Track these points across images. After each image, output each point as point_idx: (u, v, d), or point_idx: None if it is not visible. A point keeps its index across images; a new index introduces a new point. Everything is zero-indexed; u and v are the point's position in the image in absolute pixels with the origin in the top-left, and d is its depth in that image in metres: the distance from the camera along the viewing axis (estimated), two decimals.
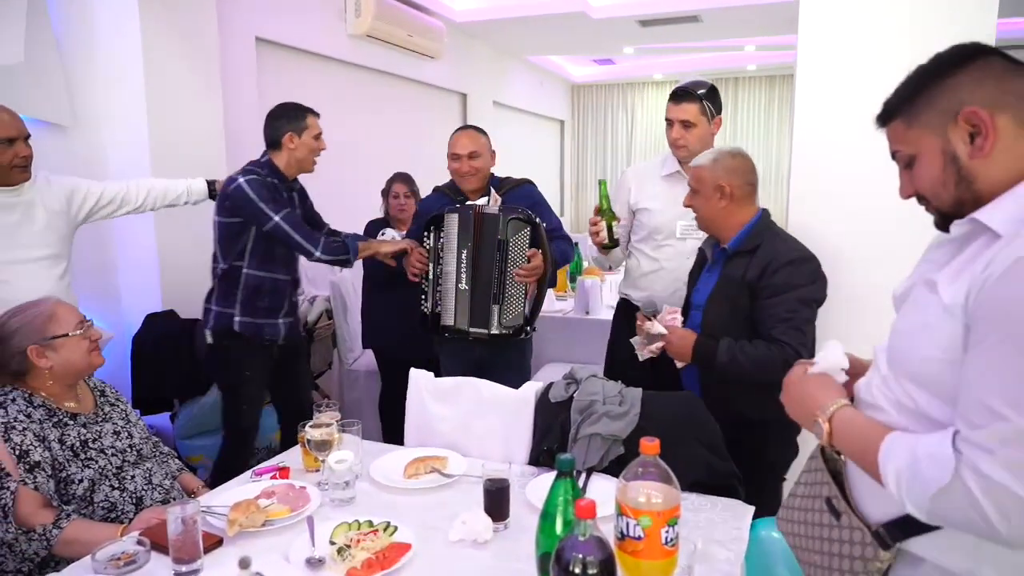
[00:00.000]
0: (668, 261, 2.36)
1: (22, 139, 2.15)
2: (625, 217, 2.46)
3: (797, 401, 1.13)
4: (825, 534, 1.08)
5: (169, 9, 3.08)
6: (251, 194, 2.40)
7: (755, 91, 9.21)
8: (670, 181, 2.38)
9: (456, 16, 5.76)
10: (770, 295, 1.84)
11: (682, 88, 2.29)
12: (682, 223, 2.31)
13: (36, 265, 2.20)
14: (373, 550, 1.36)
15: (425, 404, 1.99)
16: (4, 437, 1.55)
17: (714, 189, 1.91)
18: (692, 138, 2.27)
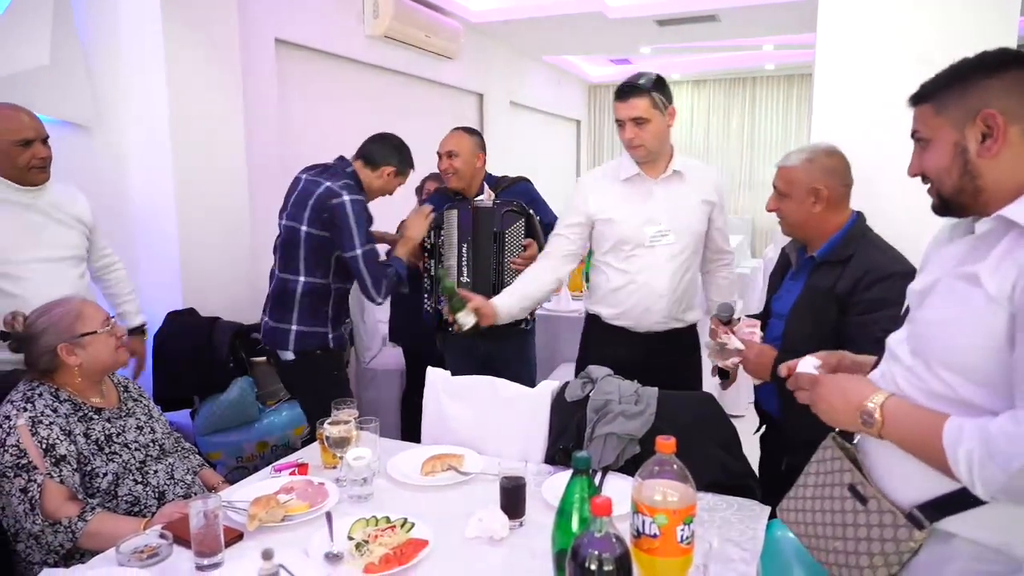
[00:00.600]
0: (640, 273, 2.17)
1: (40, 140, 2.17)
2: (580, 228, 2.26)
3: (837, 396, 1.12)
4: (849, 520, 1.10)
5: (190, 11, 3.12)
6: (351, 217, 2.34)
7: (773, 90, 9.15)
8: (631, 185, 2.19)
9: (472, 16, 5.78)
10: (862, 311, 1.64)
11: (627, 83, 2.11)
12: (650, 229, 2.15)
13: (58, 264, 2.23)
14: (390, 545, 1.37)
15: (441, 402, 2.01)
16: (32, 431, 1.58)
17: (808, 192, 1.73)
18: (648, 135, 2.09)
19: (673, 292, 2.18)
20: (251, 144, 3.53)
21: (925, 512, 1.03)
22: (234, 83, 3.39)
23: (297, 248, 2.43)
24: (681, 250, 2.17)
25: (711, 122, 9.57)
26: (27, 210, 2.18)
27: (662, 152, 2.16)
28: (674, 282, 2.18)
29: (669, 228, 2.15)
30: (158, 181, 3.11)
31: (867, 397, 1.07)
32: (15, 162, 2.11)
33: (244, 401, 2.88)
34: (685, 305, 2.25)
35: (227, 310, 3.17)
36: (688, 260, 2.20)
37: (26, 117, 2.17)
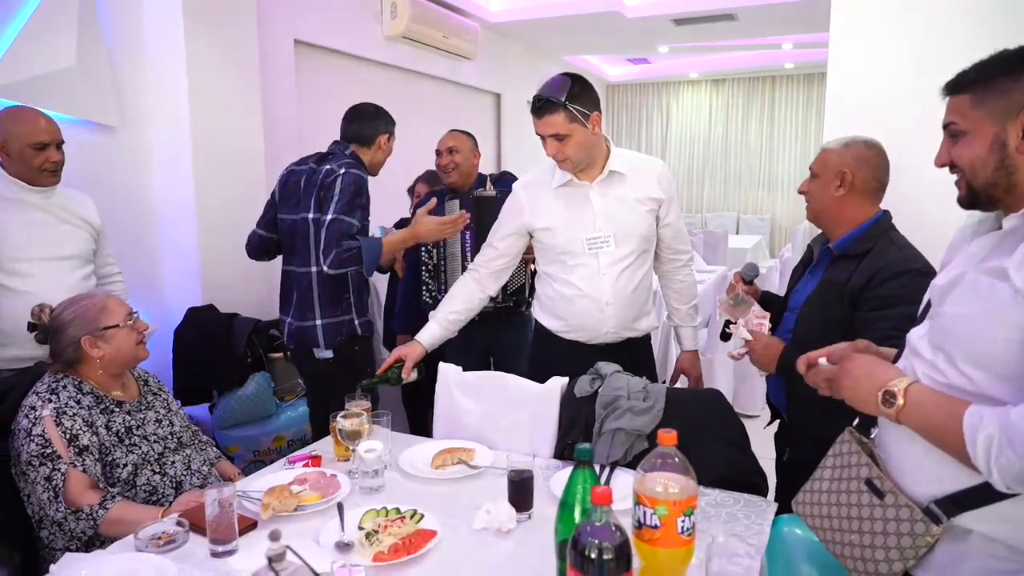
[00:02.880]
0: (585, 283, 2.06)
1: (54, 145, 2.21)
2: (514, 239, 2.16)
3: (863, 374, 1.10)
4: (865, 514, 1.10)
5: (212, 13, 3.19)
6: (338, 187, 2.30)
7: (792, 89, 9.10)
8: (565, 193, 2.06)
9: (491, 17, 5.81)
10: (873, 307, 1.62)
11: (540, 98, 1.93)
12: (588, 236, 2.03)
13: (63, 264, 2.26)
14: (400, 536, 1.40)
15: (453, 397, 2.03)
16: (56, 421, 1.64)
17: (835, 175, 1.72)
18: (571, 149, 1.94)
19: (620, 300, 2.07)
20: (270, 143, 3.59)
21: (942, 507, 1.03)
22: (253, 83, 3.45)
23: (306, 238, 2.41)
24: (626, 255, 2.05)
25: (729, 121, 9.52)
26: (37, 210, 2.22)
27: (594, 157, 2.02)
28: (620, 289, 2.06)
29: (609, 233, 2.03)
30: (179, 180, 3.18)
31: (892, 379, 1.06)
32: (29, 164, 2.16)
33: (261, 396, 2.93)
34: (636, 312, 2.13)
35: (245, 306, 3.23)
36: (635, 265, 2.08)
37: (44, 121, 2.21)
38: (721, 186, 9.68)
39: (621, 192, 2.05)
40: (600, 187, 2.05)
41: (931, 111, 1.21)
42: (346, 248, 2.25)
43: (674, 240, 2.20)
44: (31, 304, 1.85)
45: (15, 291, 2.13)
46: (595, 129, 1.96)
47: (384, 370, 2.00)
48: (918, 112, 1.91)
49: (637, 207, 2.06)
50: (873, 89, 2.14)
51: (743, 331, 1.81)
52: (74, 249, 2.29)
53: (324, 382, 2.52)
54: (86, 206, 2.38)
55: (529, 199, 2.11)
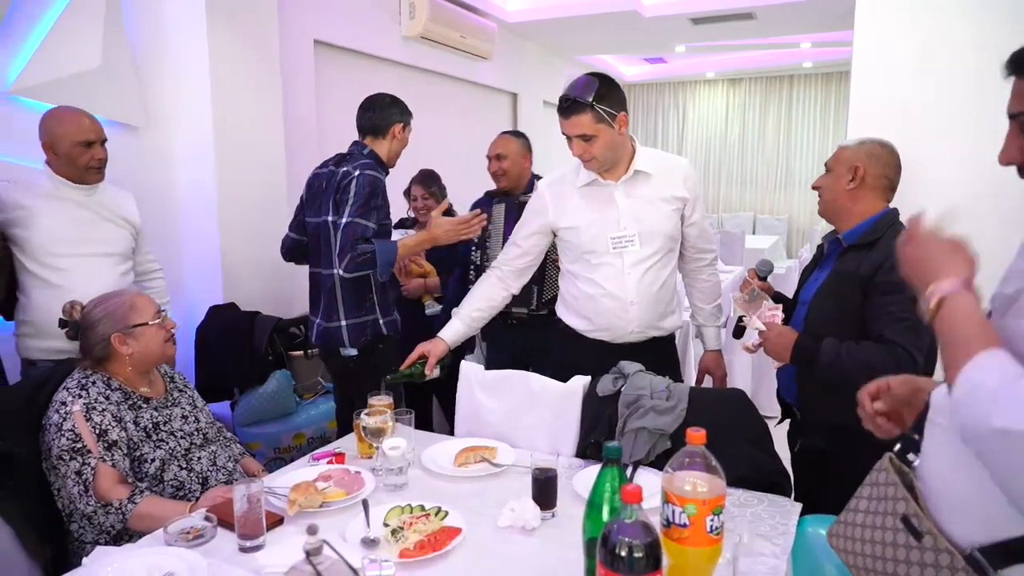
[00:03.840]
0: (610, 282, 2.05)
1: (99, 143, 2.28)
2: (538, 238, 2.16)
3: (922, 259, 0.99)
4: (900, 556, 0.97)
5: (234, 14, 3.22)
6: (353, 188, 2.30)
7: (811, 89, 9.04)
8: (590, 192, 2.07)
9: (508, 17, 5.82)
10: (884, 292, 1.66)
11: (567, 98, 1.92)
12: (613, 235, 2.03)
13: (101, 260, 2.31)
14: (425, 532, 1.41)
15: (475, 396, 2.04)
16: (86, 417, 1.66)
17: (848, 169, 1.77)
18: (598, 148, 1.94)
19: (645, 300, 2.06)
20: (290, 143, 3.61)
21: (989, 557, 0.88)
22: (274, 83, 3.48)
23: (328, 240, 2.43)
24: (650, 254, 2.04)
25: (747, 121, 9.48)
26: (79, 207, 2.29)
27: (620, 157, 2.02)
28: (644, 289, 2.05)
29: (635, 233, 2.02)
30: (201, 179, 3.21)
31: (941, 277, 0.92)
32: (76, 162, 2.24)
33: (281, 394, 2.96)
34: (661, 312, 2.12)
35: (266, 304, 3.25)
36: (660, 264, 2.07)
37: (88, 120, 2.28)
38: (738, 186, 9.63)
39: (646, 191, 2.05)
40: (625, 186, 2.05)
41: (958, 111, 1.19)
42: (360, 252, 2.26)
43: (699, 239, 2.20)
44: (65, 298, 1.88)
45: (51, 284, 2.20)
46: (621, 129, 1.96)
47: (408, 366, 2.02)
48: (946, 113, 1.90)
49: (662, 206, 2.06)
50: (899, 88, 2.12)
51: (757, 322, 1.83)
52: (113, 246, 2.35)
53: (351, 380, 2.55)
54: (127, 205, 2.44)
55: (553, 198, 2.11)
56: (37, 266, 2.20)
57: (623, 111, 1.95)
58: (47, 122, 2.24)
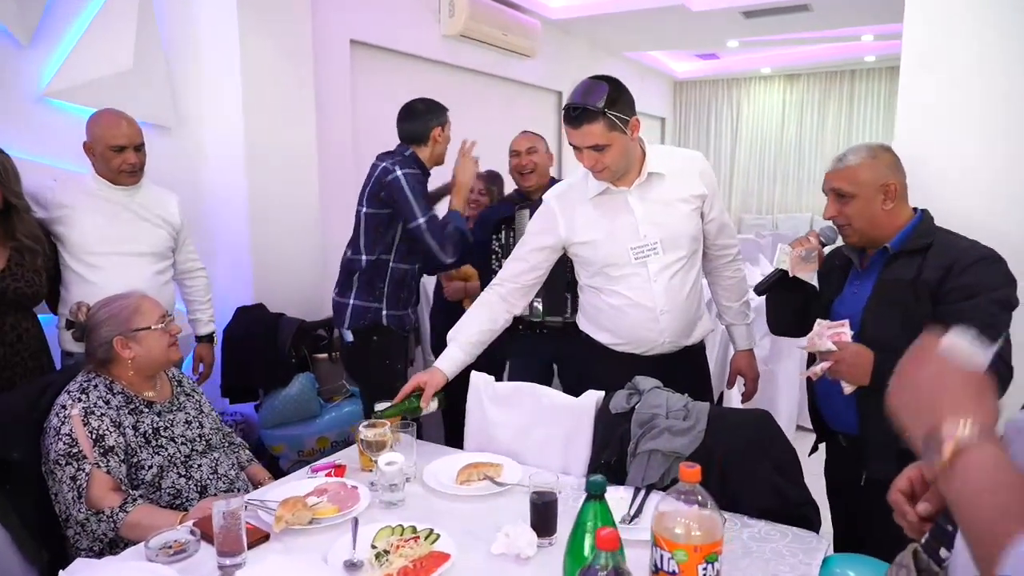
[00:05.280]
0: (636, 292, 1.93)
1: (132, 148, 2.33)
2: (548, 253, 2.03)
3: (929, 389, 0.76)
4: None
5: (266, 14, 3.21)
6: (407, 189, 2.39)
7: (874, 84, 8.62)
8: (602, 201, 1.94)
9: (552, 13, 5.72)
10: (962, 297, 1.53)
11: (575, 106, 1.78)
12: (633, 245, 1.91)
13: (136, 259, 2.38)
14: (411, 557, 1.33)
15: (485, 409, 1.95)
16: (84, 421, 1.64)
17: (877, 190, 1.63)
18: (610, 158, 1.81)
19: (675, 307, 1.95)
20: (323, 144, 3.60)
21: None
22: (307, 84, 3.47)
23: (359, 228, 2.54)
24: (675, 259, 1.93)
25: (804, 119, 9.12)
26: (117, 207, 2.36)
27: (631, 162, 1.90)
28: (673, 295, 1.94)
29: (656, 239, 1.90)
30: (232, 181, 3.22)
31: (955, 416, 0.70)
32: (109, 164, 2.32)
33: (305, 397, 2.93)
34: (692, 318, 2.01)
35: (296, 306, 3.24)
36: (686, 268, 1.96)
37: (125, 125, 2.34)
38: (794, 186, 9.28)
39: (662, 193, 1.93)
40: (639, 191, 1.92)
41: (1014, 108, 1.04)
42: (448, 235, 2.41)
43: (719, 235, 2.07)
44: (101, 295, 1.89)
45: (88, 281, 2.28)
46: (634, 135, 1.84)
47: (401, 399, 1.88)
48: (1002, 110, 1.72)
49: (681, 207, 1.94)
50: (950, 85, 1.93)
51: (826, 342, 1.58)
52: (149, 246, 2.41)
53: (353, 365, 2.72)
54: (168, 205, 2.50)
55: (564, 213, 1.98)
56: (76, 263, 2.29)
57: (635, 115, 1.84)
58: (89, 124, 2.33)
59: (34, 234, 2.17)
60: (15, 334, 2.12)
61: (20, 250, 2.12)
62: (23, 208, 2.15)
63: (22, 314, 2.16)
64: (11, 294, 2.08)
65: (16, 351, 2.12)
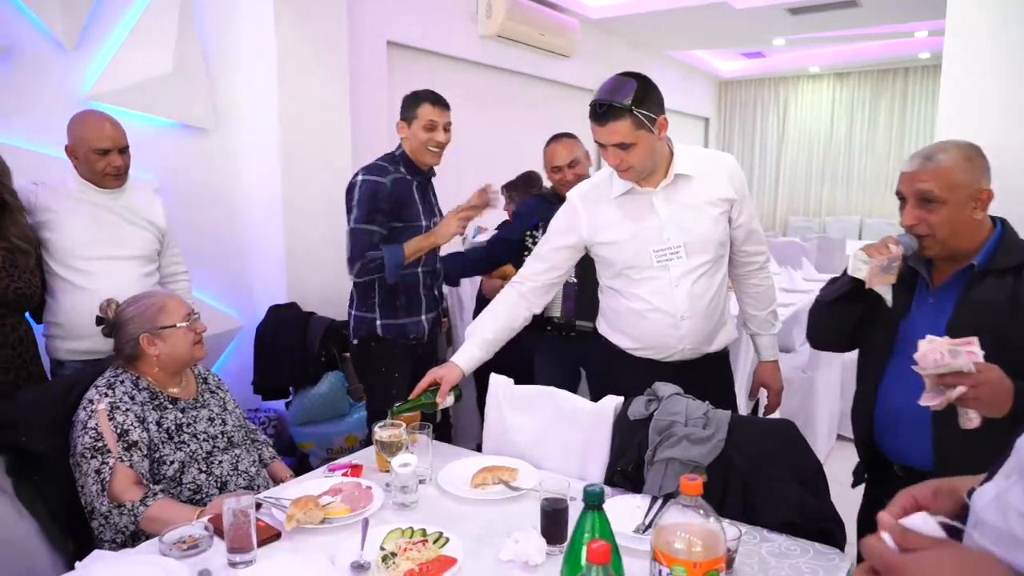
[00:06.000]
0: (657, 296, 1.88)
1: (116, 150, 2.24)
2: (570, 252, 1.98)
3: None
4: None
5: (303, 17, 3.26)
6: (355, 192, 2.38)
7: (928, 81, 8.31)
8: (626, 202, 1.89)
9: (591, 13, 5.67)
10: None
11: (601, 102, 1.72)
12: (656, 248, 1.86)
13: (125, 263, 2.31)
14: (418, 561, 1.32)
15: (503, 412, 1.93)
16: (109, 416, 1.68)
17: (970, 196, 1.46)
18: (636, 157, 1.75)
19: (696, 313, 1.89)
20: (358, 145, 3.63)
21: None
22: (342, 86, 3.51)
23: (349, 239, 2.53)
24: (699, 264, 1.87)
25: (855, 118, 8.85)
26: (103, 210, 2.28)
27: (658, 162, 1.84)
28: (695, 301, 1.88)
29: (680, 243, 1.85)
30: (267, 181, 3.28)
31: None
32: (93, 167, 2.22)
33: (334, 395, 2.96)
34: (714, 325, 1.95)
35: (328, 305, 3.28)
36: (710, 273, 1.90)
37: (109, 127, 2.25)
38: (843, 187, 9.02)
39: (689, 196, 1.86)
40: (665, 192, 1.86)
41: None
42: (371, 259, 2.33)
43: (747, 241, 1.99)
44: (91, 300, 1.91)
45: (77, 287, 2.21)
46: (662, 134, 1.78)
47: (418, 394, 1.87)
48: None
49: (708, 210, 1.87)
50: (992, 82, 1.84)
51: (964, 360, 1.24)
52: (136, 249, 2.34)
53: (358, 371, 2.72)
54: (152, 208, 2.42)
55: (587, 212, 1.93)
56: (63, 269, 2.21)
57: (663, 114, 1.78)
58: (70, 125, 2.25)
59: (25, 235, 2.11)
60: (16, 336, 2.08)
61: (13, 251, 2.06)
62: (16, 207, 2.09)
63: (20, 317, 2.12)
64: (12, 295, 2.04)
65: (19, 353, 2.08)
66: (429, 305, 2.55)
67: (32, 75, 2.59)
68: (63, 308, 2.22)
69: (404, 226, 2.42)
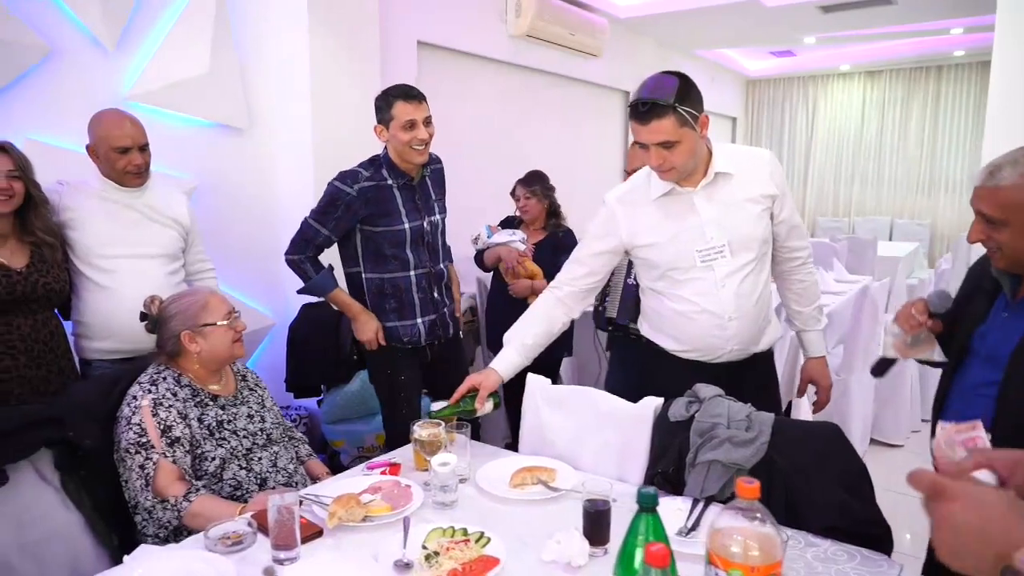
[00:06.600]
0: (703, 297, 1.85)
1: (136, 148, 2.22)
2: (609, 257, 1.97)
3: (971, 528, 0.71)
4: None
5: (335, 17, 3.28)
6: (325, 191, 2.41)
7: (962, 80, 8.15)
8: (666, 203, 1.86)
9: (620, 12, 5.64)
10: None
11: (644, 101, 1.69)
12: (699, 248, 1.83)
13: (148, 261, 2.30)
14: (461, 560, 1.32)
15: (540, 412, 1.93)
16: (153, 412, 1.70)
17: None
18: (678, 157, 1.73)
19: (743, 313, 1.87)
20: None
21: None
22: (374, 85, 3.51)
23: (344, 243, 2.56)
24: (744, 263, 1.85)
25: (886, 118, 8.71)
26: (125, 209, 2.27)
27: (698, 162, 1.82)
28: (742, 301, 1.86)
29: (723, 242, 1.82)
30: (300, 180, 3.30)
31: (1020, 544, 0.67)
32: (114, 166, 2.22)
33: (365, 394, 2.97)
34: (761, 324, 1.93)
35: None
36: (755, 271, 1.87)
37: (129, 126, 2.23)
38: (873, 188, 8.87)
39: (729, 194, 1.84)
40: (706, 191, 1.84)
41: None
42: (304, 268, 2.46)
43: (789, 237, 1.97)
44: (113, 300, 1.91)
45: (102, 287, 2.21)
46: (703, 132, 1.76)
47: (456, 400, 1.86)
48: None
49: (750, 208, 1.85)
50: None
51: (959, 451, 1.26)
52: (160, 248, 2.32)
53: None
54: (177, 205, 2.41)
55: (626, 214, 1.91)
56: (87, 268, 2.21)
57: (703, 112, 1.76)
58: (90, 124, 2.23)
59: (50, 228, 2.11)
60: (47, 331, 2.09)
61: (39, 245, 2.07)
62: (40, 200, 2.09)
63: (50, 312, 2.13)
64: (41, 289, 2.05)
65: (50, 348, 2.09)
66: (425, 308, 2.48)
67: (74, 76, 2.64)
68: (88, 308, 2.22)
69: (383, 230, 2.41)
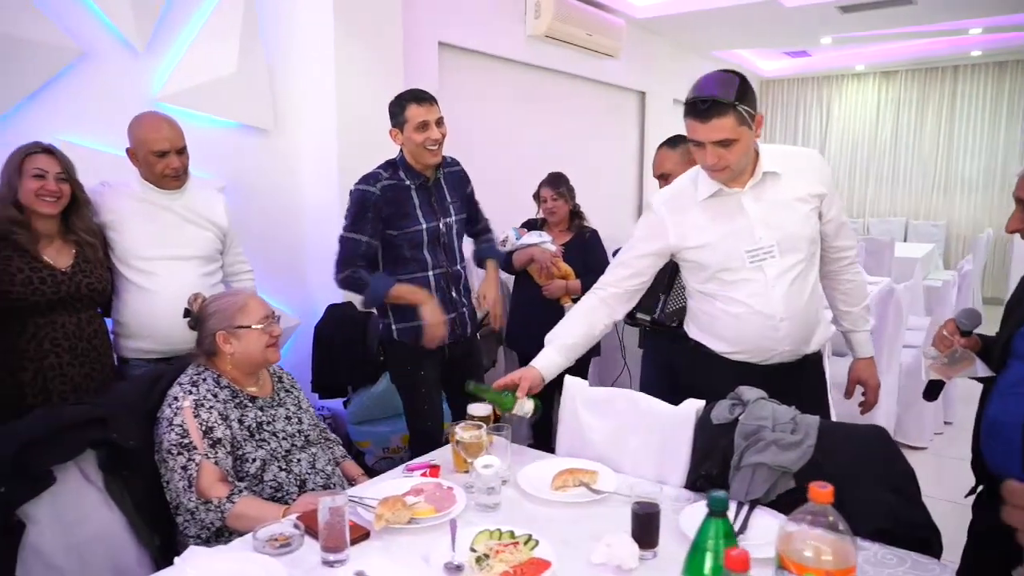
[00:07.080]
0: (754, 299, 1.83)
1: (174, 152, 2.25)
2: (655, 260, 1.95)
3: None
4: None
5: (360, 19, 3.28)
6: (350, 200, 2.43)
7: (979, 80, 8.09)
8: (714, 204, 1.85)
9: (637, 12, 5.63)
10: None
11: (704, 99, 1.67)
12: (747, 248, 1.82)
13: (185, 263, 2.31)
14: (512, 563, 1.32)
15: (578, 413, 1.92)
16: (194, 413, 1.70)
17: None
18: (734, 156, 1.72)
19: (795, 314, 1.85)
20: None
21: None
22: (397, 87, 3.50)
23: None
24: (794, 263, 1.83)
25: (901, 118, 8.65)
26: (163, 211, 2.30)
27: (747, 162, 1.81)
28: (793, 302, 1.84)
29: (772, 242, 1.81)
30: (325, 181, 3.30)
31: None
32: (152, 169, 2.24)
33: (391, 394, 2.95)
34: (812, 324, 1.91)
35: None
36: (805, 271, 1.86)
37: (166, 129, 2.26)
38: (888, 188, 8.82)
39: (777, 194, 1.83)
40: (753, 192, 1.82)
41: None
42: (358, 278, 2.37)
43: (837, 236, 1.95)
44: (150, 300, 1.93)
45: (138, 287, 2.24)
46: (758, 131, 1.75)
47: (499, 388, 1.86)
48: None
49: (799, 207, 1.84)
50: None
51: None
52: (197, 249, 2.34)
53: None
54: (214, 207, 2.43)
55: (672, 217, 1.90)
56: (126, 269, 2.24)
57: (759, 112, 1.76)
58: (130, 128, 2.26)
59: (90, 228, 2.15)
60: (91, 329, 2.13)
61: (82, 245, 2.11)
62: (83, 202, 2.13)
63: (93, 311, 2.16)
64: (85, 289, 2.09)
65: (94, 347, 2.13)
66: (445, 308, 2.47)
67: (105, 77, 2.64)
68: (127, 308, 2.24)
69: (400, 233, 2.41)
